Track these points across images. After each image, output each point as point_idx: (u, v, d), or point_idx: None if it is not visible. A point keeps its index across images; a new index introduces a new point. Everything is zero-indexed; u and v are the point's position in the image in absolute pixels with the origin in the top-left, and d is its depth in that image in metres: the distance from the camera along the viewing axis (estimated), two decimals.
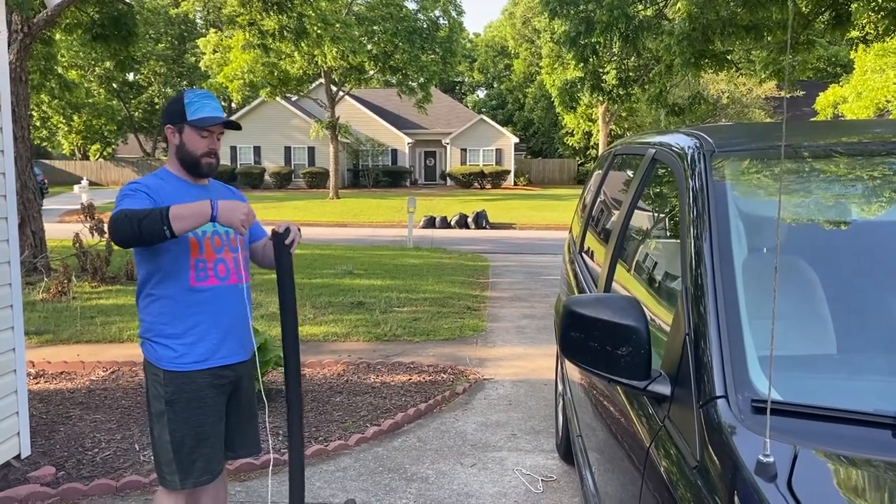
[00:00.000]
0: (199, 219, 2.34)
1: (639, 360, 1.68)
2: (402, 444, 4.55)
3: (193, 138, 2.62)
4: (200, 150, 2.63)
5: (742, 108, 35.10)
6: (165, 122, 2.66)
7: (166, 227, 2.27)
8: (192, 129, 2.61)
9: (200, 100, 2.63)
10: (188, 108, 2.60)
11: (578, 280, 3.58)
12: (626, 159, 3.39)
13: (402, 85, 32.65)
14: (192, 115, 2.60)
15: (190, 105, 2.61)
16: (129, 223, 2.28)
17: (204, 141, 2.63)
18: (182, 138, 2.63)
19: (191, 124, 2.61)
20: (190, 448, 2.61)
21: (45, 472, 3.94)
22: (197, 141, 2.63)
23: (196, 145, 2.63)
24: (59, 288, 9.03)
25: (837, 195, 2.10)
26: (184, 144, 2.63)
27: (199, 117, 2.61)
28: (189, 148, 2.63)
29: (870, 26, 12.66)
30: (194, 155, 2.63)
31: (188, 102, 2.61)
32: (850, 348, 1.72)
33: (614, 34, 14.30)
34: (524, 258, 14.45)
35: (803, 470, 1.27)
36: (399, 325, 7.70)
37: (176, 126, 2.63)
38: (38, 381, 5.65)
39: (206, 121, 2.61)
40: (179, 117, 2.62)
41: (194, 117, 2.60)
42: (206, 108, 2.62)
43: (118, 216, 2.33)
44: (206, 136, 2.63)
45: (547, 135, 50.46)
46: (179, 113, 2.61)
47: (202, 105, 2.62)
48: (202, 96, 2.65)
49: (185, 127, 2.61)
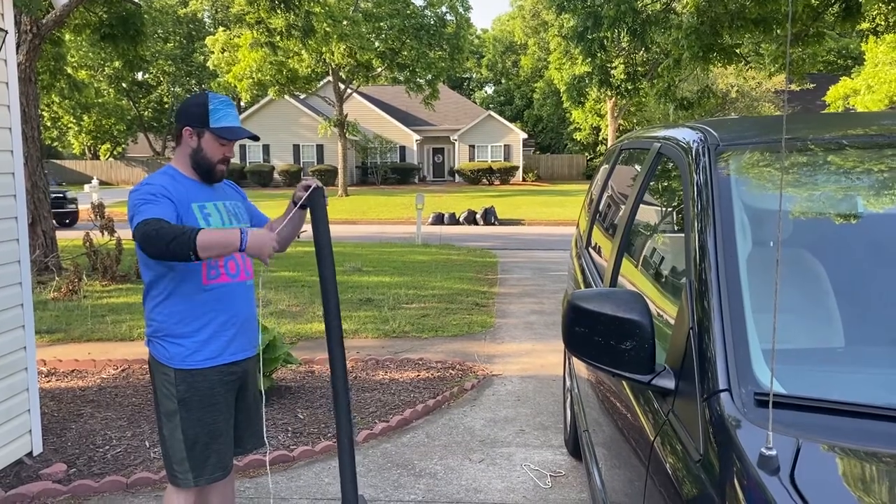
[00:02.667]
0: (226, 250, 2.35)
1: (643, 354, 1.68)
2: (411, 440, 4.56)
3: (213, 145, 2.63)
4: (217, 157, 2.65)
5: (751, 102, 34.91)
6: (185, 122, 2.63)
7: (192, 253, 2.28)
8: (214, 136, 2.62)
9: (224, 108, 2.63)
10: (212, 114, 2.60)
11: (585, 275, 3.58)
12: (632, 154, 3.38)
13: (409, 82, 32.64)
14: (216, 122, 2.60)
15: (214, 112, 2.60)
16: (160, 240, 2.28)
17: (222, 149, 2.65)
18: (201, 143, 2.62)
19: (213, 132, 2.61)
20: (204, 445, 2.62)
21: (56, 470, 3.97)
22: (216, 149, 2.64)
23: (214, 152, 2.64)
24: (70, 287, 9.09)
25: (844, 188, 2.09)
26: (202, 149, 2.63)
27: (223, 126, 2.61)
28: (207, 154, 2.63)
29: (880, 18, 12.57)
30: (211, 161, 2.65)
31: (213, 109, 2.60)
32: (857, 341, 1.72)
33: (622, 29, 14.26)
34: (533, 254, 14.44)
35: (806, 463, 1.27)
36: (407, 321, 7.71)
37: (196, 129, 2.62)
38: (50, 379, 5.70)
39: (231, 133, 2.63)
40: (201, 122, 2.60)
41: (218, 125, 2.60)
42: (229, 117, 2.63)
43: (148, 230, 2.30)
44: (224, 145, 2.65)
45: (555, 130, 50.36)
46: (202, 117, 2.60)
47: (226, 114, 2.62)
48: (226, 104, 2.65)
49: (206, 133, 2.61)
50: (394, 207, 26.12)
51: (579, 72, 19.55)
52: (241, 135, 2.66)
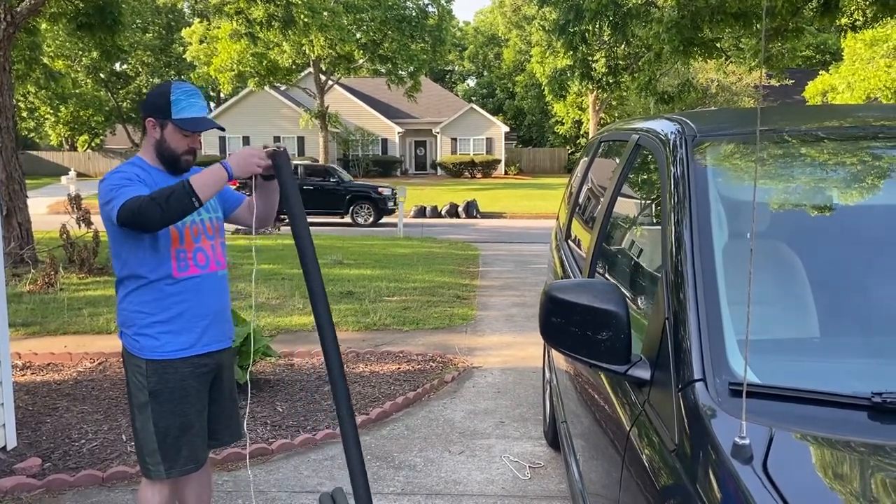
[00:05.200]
0: (220, 183, 2.43)
1: (619, 344, 1.68)
2: (391, 433, 4.56)
3: (176, 137, 2.57)
4: (182, 148, 2.59)
5: (731, 97, 35.16)
6: (148, 113, 2.58)
7: (195, 199, 2.35)
8: (176, 128, 2.56)
9: (187, 98, 2.56)
10: (174, 105, 2.54)
11: (564, 267, 3.58)
12: (611, 146, 3.39)
13: (391, 74, 32.52)
14: (178, 113, 2.54)
15: (177, 103, 2.54)
16: (156, 206, 2.31)
17: (186, 140, 2.59)
18: (164, 134, 2.57)
19: (175, 123, 2.55)
20: (175, 437, 2.60)
21: (31, 464, 3.92)
22: (179, 140, 2.58)
23: (178, 144, 2.58)
24: (46, 279, 8.96)
25: (820, 179, 2.10)
26: (165, 140, 2.57)
27: (185, 117, 2.54)
28: (171, 145, 2.58)
29: (858, 13, 12.67)
30: (175, 153, 2.59)
31: (174, 100, 2.54)
32: (832, 332, 1.73)
33: (604, 22, 14.29)
34: (514, 247, 14.46)
35: (779, 452, 1.27)
36: (388, 314, 7.69)
37: (159, 120, 2.56)
38: (25, 372, 5.62)
39: (194, 124, 2.56)
40: (163, 113, 2.55)
41: (180, 116, 2.54)
42: (192, 107, 2.56)
43: (134, 204, 2.32)
44: (188, 136, 2.59)
45: (537, 124, 50.43)
46: (164, 108, 2.54)
47: (189, 104, 2.55)
48: (189, 94, 2.57)
49: (169, 124, 2.55)
50: None
51: (561, 65, 19.59)
52: (203, 126, 2.58)
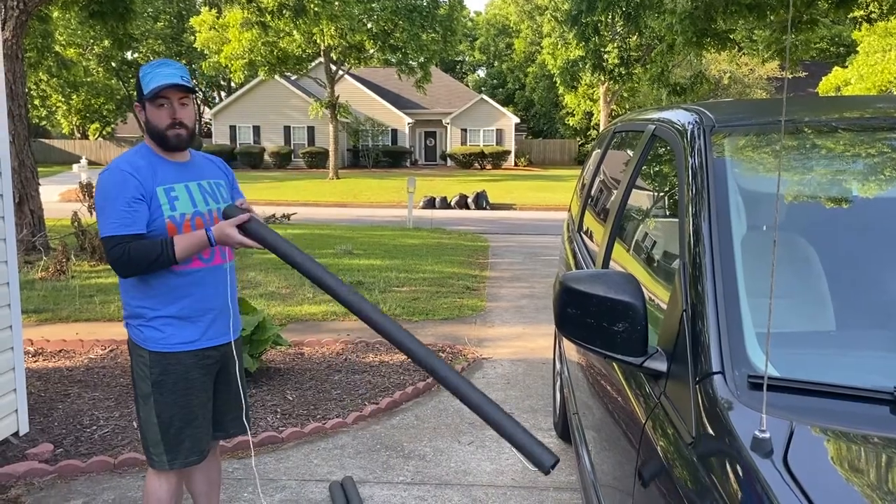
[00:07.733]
0: (202, 248, 2.50)
1: (635, 336, 1.67)
2: (400, 423, 4.56)
3: (153, 112, 2.50)
4: (164, 122, 2.50)
5: (744, 89, 34.91)
6: (137, 100, 2.58)
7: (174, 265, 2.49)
8: (150, 102, 2.50)
9: (153, 70, 2.49)
10: (143, 82, 2.49)
11: (577, 259, 3.56)
12: (625, 136, 3.36)
13: (401, 64, 32.41)
14: (146, 87, 2.48)
15: (144, 78, 2.48)
16: (136, 266, 2.46)
17: (164, 111, 2.49)
18: (146, 114, 2.53)
19: (147, 98, 2.49)
20: (178, 429, 2.59)
21: (43, 450, 3.95)
22: (156, 114, 2.49)
23: (158, 118, 2.50)
24: (58, 267, 9.01)
25: (838, 171, 2.07)
26: (148, 120, 2.53)
27: (150, 88, 2.47)
28: (153, 122, 2.52)
29: (874, 5, 12.55)
30: (159, 129, 2.52)
31: (143, 76, 2.49)
32: (849, 325, 1.71)
33: (616, 12, 14.20)
34: (524, 238, 14.43)
35: (799, 446, 1.26)
36: (398, 304, 7.69)
37: (140, 102, 2.54)
38: (37, 359, 5.65)
39: (154, 90, 2.46)
40: (140, 94, 2.52)
41: (147, 89, 2.48)
42: (157, 76, 2.46)
43: (120, 257, 2.44)
44: (163, 106, 2.49)
45: (548, 115, 50.22)
46: (140, 90, 2.51)
47: (154, 75, 2.47)
48: (156, 66, 2.51)
49: (146, 102, 2.51)
50: (385, 191, 26.02)
51: (573, 56, 19.48)
52: (162, 87, 2.44)
